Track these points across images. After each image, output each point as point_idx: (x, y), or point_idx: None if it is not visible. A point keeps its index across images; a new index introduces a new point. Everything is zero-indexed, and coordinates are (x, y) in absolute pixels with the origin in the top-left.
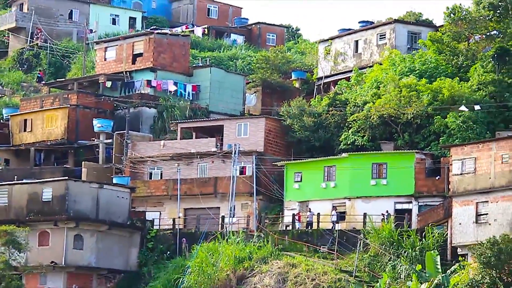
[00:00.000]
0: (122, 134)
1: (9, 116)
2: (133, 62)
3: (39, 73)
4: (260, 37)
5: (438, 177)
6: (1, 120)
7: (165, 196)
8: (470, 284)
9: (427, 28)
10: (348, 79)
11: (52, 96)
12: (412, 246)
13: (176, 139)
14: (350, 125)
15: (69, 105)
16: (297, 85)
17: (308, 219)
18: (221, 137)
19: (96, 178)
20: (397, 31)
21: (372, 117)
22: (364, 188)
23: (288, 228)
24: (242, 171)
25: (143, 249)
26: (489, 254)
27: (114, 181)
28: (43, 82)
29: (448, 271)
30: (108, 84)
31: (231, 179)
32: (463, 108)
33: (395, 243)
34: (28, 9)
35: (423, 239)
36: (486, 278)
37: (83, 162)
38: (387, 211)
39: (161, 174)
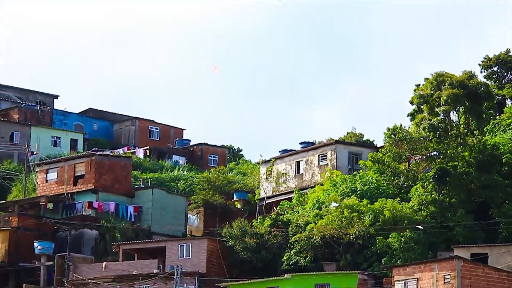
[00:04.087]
0: (64, 256)
1: None
2: (75, 184)
3: None
4: (202, 158)
5: None
6: None
7: None
8: None
9: (368, 149)
10: (290, 199)
11: None
12: None
13: (118, 260)
14: (292, 246)
15: (10, 228)
16: (239, 206)
17: None
18: (163, 258)
19: None
20: (338, 152)
21: (314, 238)
22: None
23: None
24: None
25: None
26: None
27: None
28: None
29: None
30: (50, 206)
31: None
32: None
33: None
34: None
35: None
36: None
37: (24, 285)
38: None
39: None
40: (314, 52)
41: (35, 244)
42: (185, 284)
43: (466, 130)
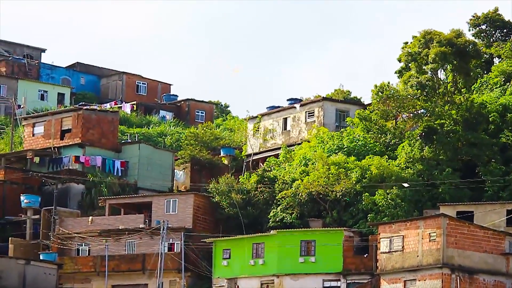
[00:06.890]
0: (50, 210)
1: None
2: (62, 138)
3: None
4: (189, 114)
5: (366, 254)
6: None
7: (92, 273)
8: None
9: (355, 106)
10: (276, 156)
11: None
12: None
13: (105, 215)
14: (278, 202)
15: None
16: (226, 161)
17: None
18: (149, 213)
19: (23, 254)
20: (326, 109)
21: (300, 194)
22: (293, 265)
23: None
24: (171, 248)
25: None
26: None
27: (41, 257)
28: None
29: None
30: (36, 159)
31: (159, 256)
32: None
33: None
34: None
35: None
36: None
37: (10, 238)
38: None
39: (89, 250)
40: (301, 9)
41: (22, 198)
42: (171, 239)
43: (453, 88)
